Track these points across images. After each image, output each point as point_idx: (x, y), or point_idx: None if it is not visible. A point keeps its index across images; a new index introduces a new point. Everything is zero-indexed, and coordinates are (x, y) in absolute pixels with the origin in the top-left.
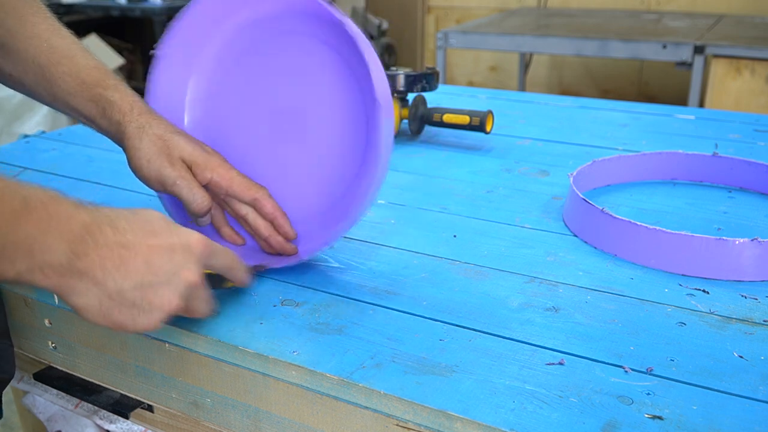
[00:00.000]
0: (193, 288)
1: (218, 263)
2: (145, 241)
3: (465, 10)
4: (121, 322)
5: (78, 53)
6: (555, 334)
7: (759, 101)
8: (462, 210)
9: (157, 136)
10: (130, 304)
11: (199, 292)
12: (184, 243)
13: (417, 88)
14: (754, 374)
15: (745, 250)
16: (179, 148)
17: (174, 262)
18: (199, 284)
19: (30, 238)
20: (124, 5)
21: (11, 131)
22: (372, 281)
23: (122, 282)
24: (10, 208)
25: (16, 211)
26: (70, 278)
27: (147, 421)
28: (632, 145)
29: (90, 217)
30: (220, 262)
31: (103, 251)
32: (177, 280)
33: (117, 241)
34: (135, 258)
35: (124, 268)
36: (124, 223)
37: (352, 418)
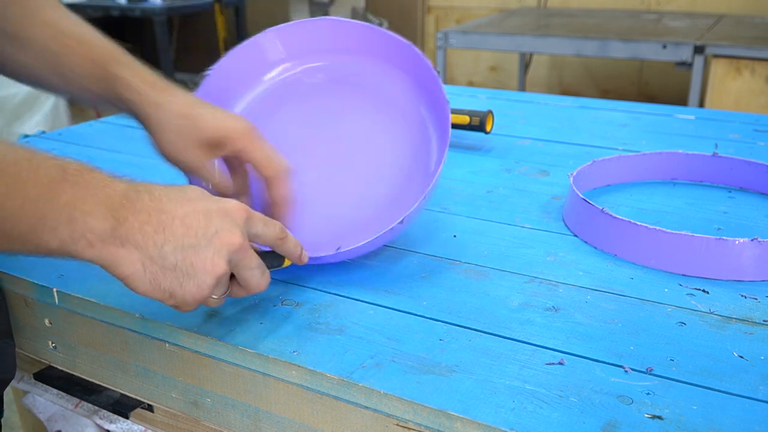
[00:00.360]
0: (237, 252)
1: (262, 232)
2: (181, 206)
3: (465, 10)
4: (169, 288)
5: (88, 35)
6: (555, 334)
7: (759, 101)
8: (462, 210)
9: (177, 114)
10: (172, 267)
11: (246, 259)
12: (222, 208)
13: None
14: (754, 374)
15: (745, 250)
16: (203, 123)
17: (213, 224)
18: (244, 248)
19: (70, 205)
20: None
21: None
22: (372, 281)
23: (162, 245)
24: (47, 177)
25: (54, 180)
26: (112, 245)
27: (147, 421)
28: (632, 145)
29: (126, 185)
30: (264, 231)
31: (142, 216)
32: (218, 241)
33: (154, 206)
34: (173, 221)
35: (162, 232)
36: (161, 191)
37: (352, 418)
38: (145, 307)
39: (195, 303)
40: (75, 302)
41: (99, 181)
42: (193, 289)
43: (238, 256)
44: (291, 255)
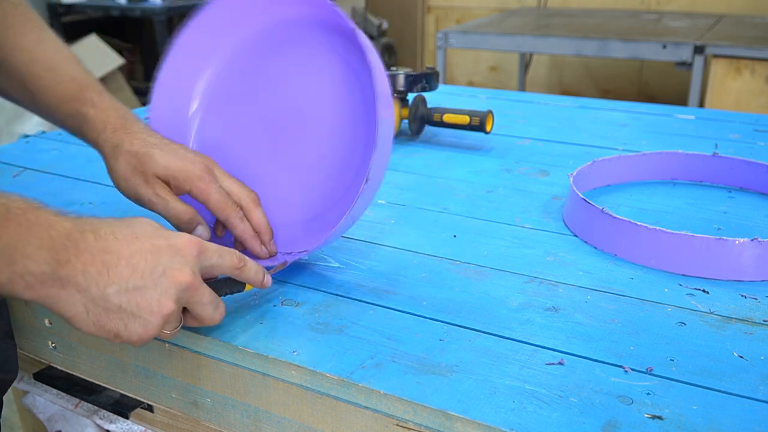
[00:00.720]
0: (187, 290)
1: (218, 263)
2: (128, 245)
3: (465, 10)
4: (113, 329)
5: (61, 65)
6: (555, 334)
7: (759, 101)
8: (462, 210)
9: (131, 154)
10: (117, 309)
11: (198, 296)
12: (171, 244)
13: (417, 88)
14: (754, 374)
15: (745, 250)
16: (153, 164)
17: (161, 263)
18: (194, 286)
19: (10, 247)
20: (124, 5)
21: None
22: (372, 281)
23: (105, 287)
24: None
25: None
26: (53, 287)
27: (147, 421)
28: (632, 145)
29: (71, 224)
30: (220, 262)
31: (85, 257)
32: (165, 281)
33: (99, 246)
34: (118, 262)
35: (106, 273)
36: (107, 229)
37: (352, 418)
38: None
39: (142, 342)
40: None
41: (43, 221)
42: (140, 329)
43: (187, 294)
44: (252, 281)
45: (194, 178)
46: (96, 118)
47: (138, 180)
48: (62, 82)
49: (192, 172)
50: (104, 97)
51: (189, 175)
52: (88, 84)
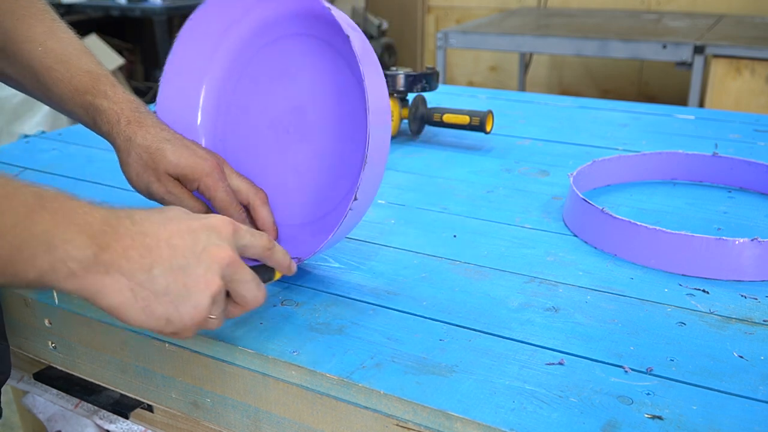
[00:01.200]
0: (229, 266)
1: (251, 243)
2: (165, 228)
3: (465, 10)
4: (165, 314)
5: (73, 57)
6: (555, 334)
7: (759, 101)
8: (462, 210)
9: (143, 148)
10: (164, 291)
11: (240, 273)
12: (206, 224)
13: (417, 88)
14: (754, 374)
15: (745, 250)
16: (164, 161)
17: (200, 241)
18: (236, 262)
19: (49, 233)
20: (124, 5)
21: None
22: (372, 281)
23: (150, 268)
24: (23, 205)
25: (30, 207)
26: (97, 273)
27: (147, 421)
28: (632, 145)
29: (106, 211)
30: (252, 242)
31: (125, 241)
32: (208, 258)
33: (137, 230)
34: (158, 244)
35: (149, 255)
36: (141, 214)
37: (352, 418)
38: None
39: (194, 327)
40: (75, 302)
41: (78, 207)
42: (191, 310)
43: (230, 270)
44: (280, 265)
45: (202, 175)
46: (110, 110)
47: (150, 177)
48: (76, 75)
49: (201, 169)
50: (117, 89)
51: (198, 172)
52: (101, 76)
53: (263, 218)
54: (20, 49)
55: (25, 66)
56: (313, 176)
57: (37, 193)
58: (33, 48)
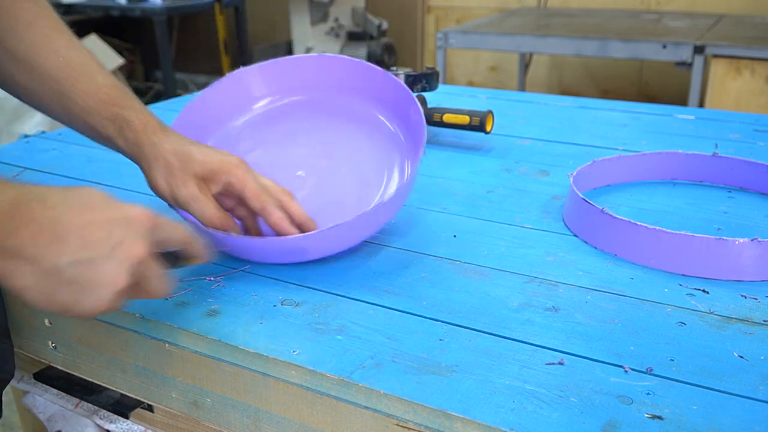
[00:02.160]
0: (140, 263)
1: (169, 237)
2: (79, 216)
3: (465, 10)
4: (64, 303)
5: (96, 71)
6: (555, 334)
7: (759, 101)
8: (462, 210)
9: (170, 152)
10: (69, 282)
11: (149, 269)
12: (125, 216)
13: (417, 88)
14: (754, 374)
15: (745, 250)
16: (192, 161)
17: (114, 235)
18: (146, 259)
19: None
20: (124, 5)
21: (11, 131)
22: (372, 281)
23: (57, 258)
24: None
25: None
26: (2, 259)
27: (147, 421)
28: (632, 145)
29: (16, 192)
30: (171, 236)
31: (33, 227)
32: (119, 254)
33: (47, 216)
34: (69, 233)
35: (57, 244)
36: (56, 198)
37: (352, 418)
38: (145, 307)
39: (92, 316)
40: None
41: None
42: (93, 302)
43: (141, 267)
44: (198, 254)
45: (231, 167)
46: (137, 120)
47: (177, 180)
48: (102, 87)
49: (229, 162)
50: (139, 103)
51: (226, 165)
52: (124, 90)
53: (297, 212)
54: (43, 61)
55: (47, 77)
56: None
57: None
58: (56, 60)
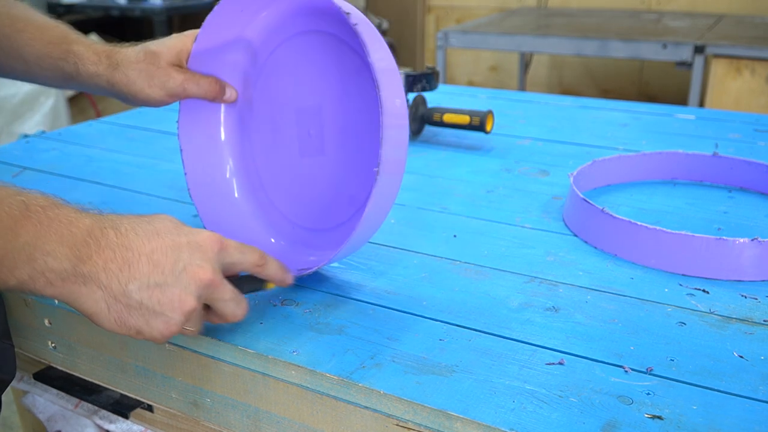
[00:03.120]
0: (208, 287)
1: (239, 261)
2: (149, 242)
3: (465, 10)
4: (135, 326)
5: (38, 18)
6: (555, 334)
7: (759, 101)
8: (462, 210)
9: (135, 60)
10: (138, 306)
11: (219, 293)
12: (191, 241)
13: (417, 88)
14: (754, 374)
15: (745, 250)
16: (157, 54)
17: (181, 259)
18: (215, 283)
19: (31, 245)
20: (124, 5)
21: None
22: (372, 281)
23: (127, 283)
24: (9, 215)
25: (15, 217)
26: (74, 284)
27: (147, 421)
28: (632, 145)
29: (92, 220)
30: (241, 260)
31: (106, 253)
32: (186, 278)
33: (120, 243)
34: (139, 258)
35: (127, 269)
36: (127, 225)
37: (352, 418)
38: None
39: (165, 338)
40: None
41: (63, 217)
42: (161, 326)
43: (208, 291)
44: (273, 279)
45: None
46: (90, 50)
47: (160, 76)
48: (47, 29)
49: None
50: (82, 35)
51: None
52: (70, 31)
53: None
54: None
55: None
56: (329, 184)
57: (25, 202)
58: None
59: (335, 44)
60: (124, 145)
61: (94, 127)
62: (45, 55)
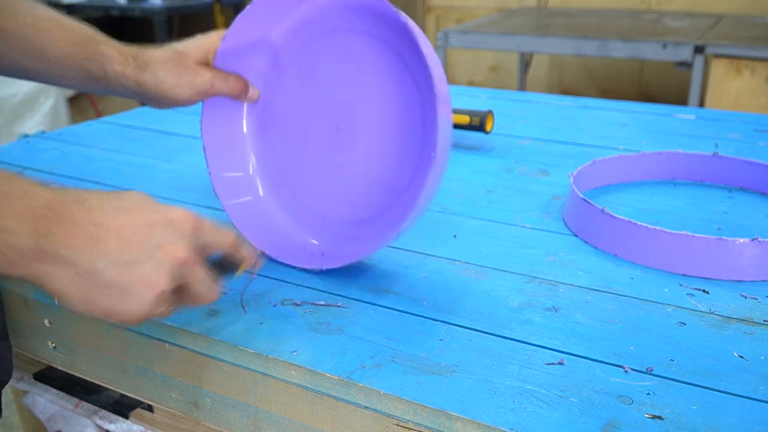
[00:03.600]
0: (182, 266)
1: (214, 240)
2: (118, 218)
3: (465, 10)
4: (105, 307)
5: (62, 19)
6: (555, 334)
7: (759, 101)
8: (462, 210)
9: (163, 60)
10: (108, 285)
11: (194, 273)
12: (165, 218)
13: None
14: (754, 374)
15: (745, 250)
16: (184, 53)
17: (154, 236)
18: (190, 261)
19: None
20: (124, 5)
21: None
22: (372, 281)
23: (94, 261)
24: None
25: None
26: (38, 261)
27: (147, 421)
28: (632, 145)
29: (53, 194)
30: (216, 240)
31: (70, 229)
32: (160, 255)
33: (85, 218)
34: (107, 235)
35: (94, 246)
36: (95, 201)
37: (352, 418)
38: None
39: (137, 320)
40: None
41: (20, 191)
42: (133, 306)
43: (182, 269)
44: (246, 260)
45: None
46: (117, 51)
47: (188, 75)
48: (73, 30)
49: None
50: (107, 36)
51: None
52: (94, 31)
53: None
54: (10, 23)
55: (19, 37)
56: (362, 176)
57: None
58: (24, 19)
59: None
60: (124, 145)
61: (94, 127)
62: (70, 55)
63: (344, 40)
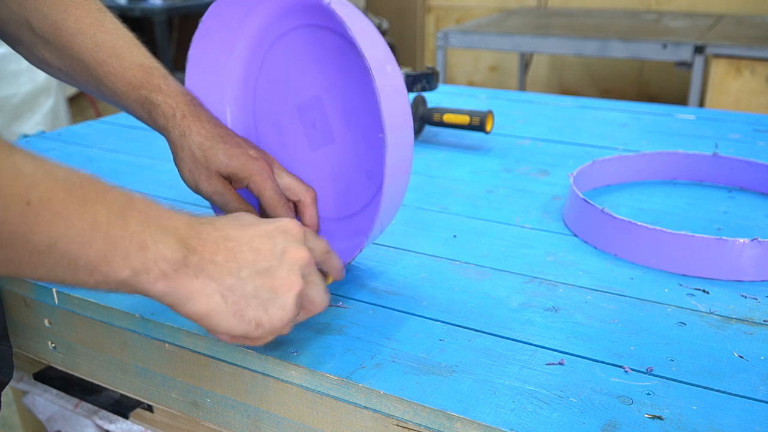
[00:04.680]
0: (306, 266)
1: (314, 246)
2: (243, 232)
3: (465, 10)
4: (255, 317)
5: (124, 50)
6: (555, 334)
7: (759, 101)
8: (462, 210)
9: (197, 145)
10: (253, 294)
11: (314, 274)
12: (278, 227)
13: (417, 88)
14: (754, 374)
15: (745, 250)
16: (216, 160)
17: (278, 244)
18: (312, 263)
19: (141, 232)
20: (124, 5)
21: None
22: (372, 281)
23: (238, 272)
24: (116, 203)
25: (123, 205)
26: (186, 275)
27: (147, 421)
28: (632, 145)
29: (189, 216)
30: (316, 245)
31: (210, 245)
32: (288, 259)
33: (220, 235)
34: (241, 247)
35: (234, 259)
36: (220, 221)
37: (352, 418)
38: (145, 308)
39: (279, 330)
40: (75, 302)
41: (164, 211)
42: (279, 312)
43: (307, 270)
44: (335, 269)
45: (252, 173)
46: (165, 105)
47: (201, 174)
48: (129, 68)
49: (251, 168)
50: (171, 82)
51: (247, 170)
52: (153, 69)
53: (310, 216)
54: (71, 42)
55: (76, 59)
56: (345, 168)
57: (127, 194)
58: (83, 41)
59: (320, 34)
60: (124, 145)
61: (94, 127)
62: (123, 93)
63: (292, 40)
